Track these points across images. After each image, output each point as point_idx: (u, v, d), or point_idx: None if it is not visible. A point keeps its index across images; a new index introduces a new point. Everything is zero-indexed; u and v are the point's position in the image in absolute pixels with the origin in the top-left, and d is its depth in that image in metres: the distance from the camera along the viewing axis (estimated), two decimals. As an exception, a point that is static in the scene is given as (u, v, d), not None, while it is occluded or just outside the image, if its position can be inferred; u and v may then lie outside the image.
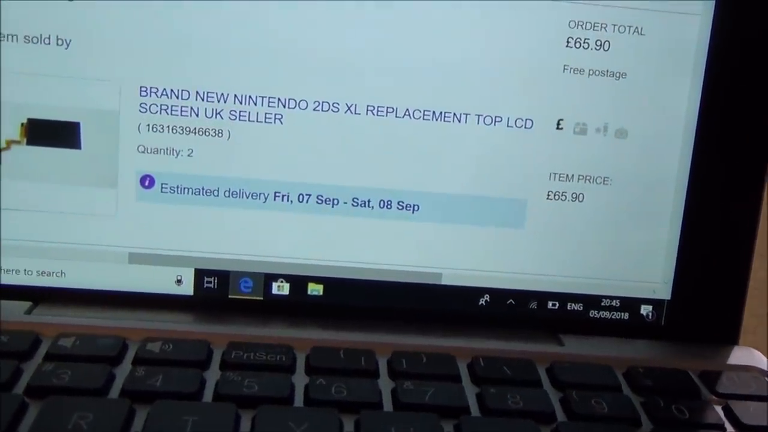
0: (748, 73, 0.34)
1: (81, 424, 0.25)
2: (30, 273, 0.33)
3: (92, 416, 0.25)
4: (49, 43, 0.32)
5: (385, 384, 0.29)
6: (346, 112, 0.33)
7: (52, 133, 0.32)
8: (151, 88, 0.32)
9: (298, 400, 0.28)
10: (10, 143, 0.32)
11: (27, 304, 0.32)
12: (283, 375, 0.29)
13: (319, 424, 0.26)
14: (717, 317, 0.35)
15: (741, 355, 0.34)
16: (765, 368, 0.33)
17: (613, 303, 0.35)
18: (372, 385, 0.29)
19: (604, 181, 0.34)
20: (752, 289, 0.35)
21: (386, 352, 0.31)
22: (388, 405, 0.28)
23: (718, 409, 0.30)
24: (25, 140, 0.32)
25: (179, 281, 0.34)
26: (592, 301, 0.35)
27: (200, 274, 0.34)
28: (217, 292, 0.34)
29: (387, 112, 0.33)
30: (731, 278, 0.35)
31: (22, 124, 0.32)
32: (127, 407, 0.26)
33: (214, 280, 0.34)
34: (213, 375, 0.29)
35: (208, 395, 0.28)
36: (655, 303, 0.35)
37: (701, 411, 0.30)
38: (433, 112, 0.33)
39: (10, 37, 0.31)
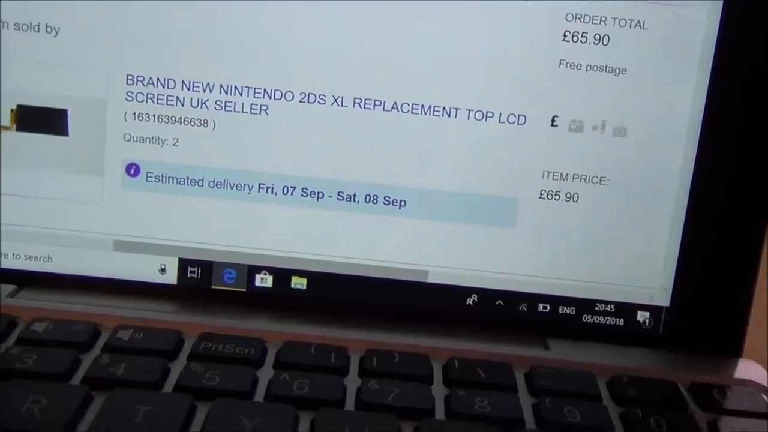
0: (758, 69, 0.32)
1: (33, 408, 0.25)
2: (18, 257, 0.33)
3: (46, 401, 0.25)
4: (38, 31, 0.32)
5: (352, 382, 0.29)
6: (332, 105, 0.33)
7: (41, 120, 0.32)
8: (137, 76, 0.32)
9: (260, 395, 0.28)
10: (0, 129, 0.33)
11: (11, 288, 0.33)
12: (248, 368, 0.29)
13: (273, 419, 0.26)
14: (719, 327, 0.34)
15: (741, 369, 0.33)
16: (765, 383, 0.31)
17: (608, 308, 0.34)
18: (337, 382, 0.28)
19: (600, 180, 0.33)
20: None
21: (361, 348, 0.31)
22: (350, 404, 0.28)
23: (702, 424, 0.28)
24: (14, 126, 0.33)
25: (163, 270, 0.34)
26: (585, 305, 0.34)
27: (184, 264, 0.34)
28: (201, 282, 0.34)
29: (374, 105, 0.33)
30: (735, 286, 0.33)
31: (12, 111, 0.32)
32: (83, 394, 0.26)
33: (198, 270, 0.34)
34: (179, 365, 0.29)
35: (170, 385, 0.28)
36: (653, 310, 0.34)
37: (682, 425, 0.28)
38: (422, 106, 0.33)
39: (0, 24, 0.32)
